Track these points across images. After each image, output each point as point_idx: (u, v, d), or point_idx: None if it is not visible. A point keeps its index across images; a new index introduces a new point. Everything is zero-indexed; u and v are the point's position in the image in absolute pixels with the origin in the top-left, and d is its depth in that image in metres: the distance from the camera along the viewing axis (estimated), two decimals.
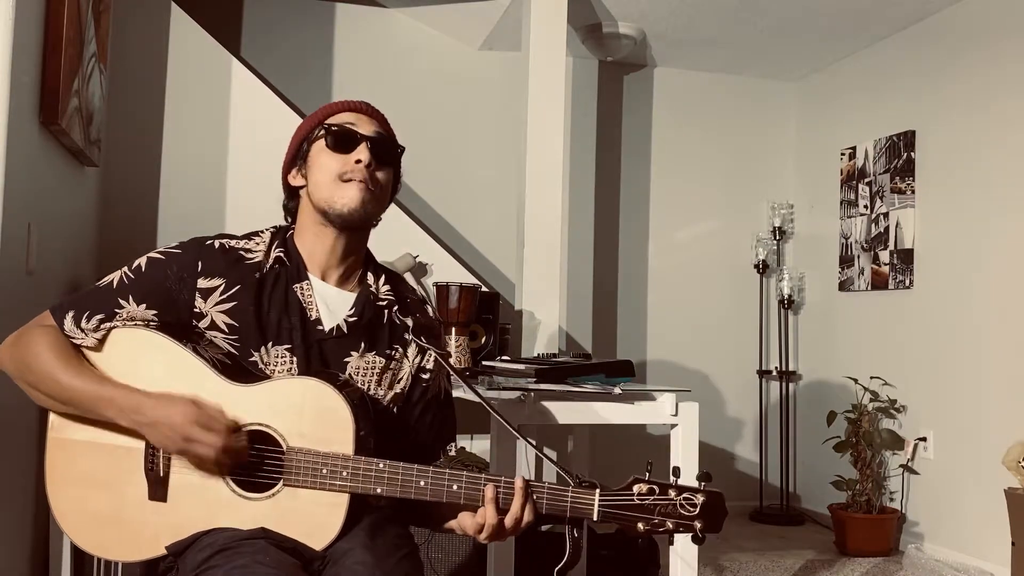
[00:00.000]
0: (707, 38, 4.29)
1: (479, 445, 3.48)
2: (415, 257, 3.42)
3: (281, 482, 1.36)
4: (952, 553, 3.64)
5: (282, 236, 1.51)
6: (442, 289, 2.89)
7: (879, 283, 4.16)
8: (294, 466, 1.35)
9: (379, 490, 1.34)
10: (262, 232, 1.52)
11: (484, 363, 2.74)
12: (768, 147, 4.89)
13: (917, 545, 3.78)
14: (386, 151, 1.49)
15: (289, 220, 1.56)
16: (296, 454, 1.35)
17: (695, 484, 1.35)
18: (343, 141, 1.46)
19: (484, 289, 3.20)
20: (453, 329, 2.87)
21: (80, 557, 2.30)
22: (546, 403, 2.26)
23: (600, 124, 4.65)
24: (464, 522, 1.40)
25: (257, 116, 3.36)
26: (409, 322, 1.54)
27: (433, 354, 1.55)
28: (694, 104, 4.79)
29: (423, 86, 4.29)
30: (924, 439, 3.85)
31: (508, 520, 1.34)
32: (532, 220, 3.54)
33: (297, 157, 1.52)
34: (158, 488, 1.37)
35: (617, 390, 2.31)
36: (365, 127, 1.48)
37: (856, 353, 4.30)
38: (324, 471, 1.34)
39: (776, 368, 4.68)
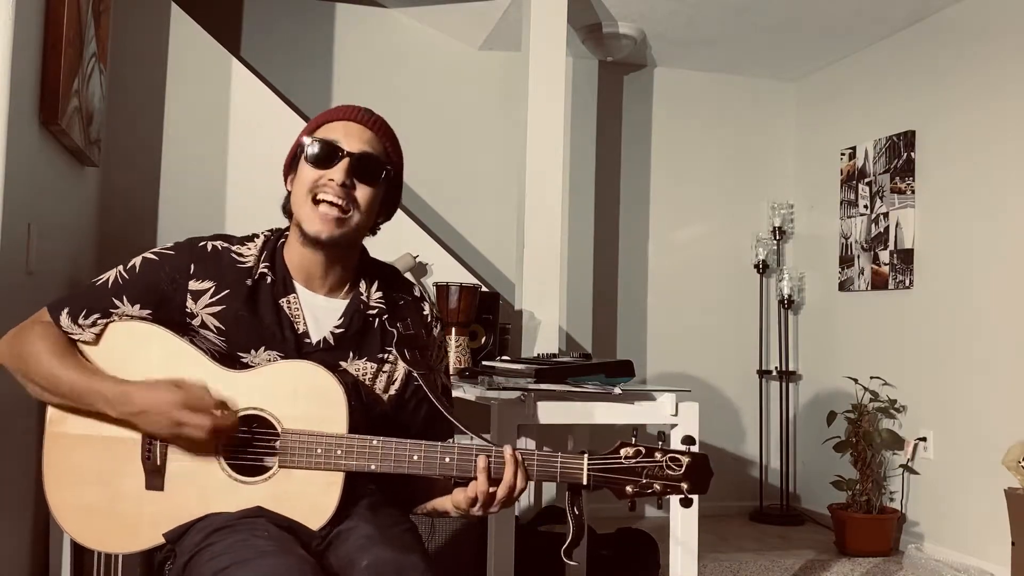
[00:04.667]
0: (707, 38, 4.29)
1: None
2: (415, 257, 3.42)
3: (276, 464, 1.37)
4: (952, 553, 3.64)
5: (272, 245, 1.50)
6: (442, 289, 2.90)
7: (879, 283, 4.16)
8: (289, 448, 1.37)
9: (373, 466, 1.36)
10: (257, 236, 1.51)
11: (484, 363, 2.73)
12: (768, 147, 4.89)
13: (917, 545, 3.78)
14: (370, 168, 1.44)
15: (289, 220, 1.53)
16: (291, 436, 1.37)
17: (681, 447, 1.40)
18: (323, 157, 1.42)
19: (484, 289, 3.20)
20: (453, 329, 2.87)
21: (80, 552, 2.31)
22: (546, 403, 2.26)
23: (600, 124, 4.65)
24: (457, 497, 1.41)
25: (257, 116, 3.36)
26: (399, 328, 1.51)
27: (431, 352, 1.54)
28: (694, 104, 4.79)
29: (423, 86, 4.29)
30: (924, 439, 3.85)
31: (501, 489, 1.36)
32: (532, 220, 3.54)
33: (293, 161, 1.49)
34: (155, 477, 1.38)
35: (617, 390, 2.31)
36: (353, 141, 1.44)
37: (856, 353, 4.30)
38: (319, 450, 1.36)
39: (776, 368, 4.68)
